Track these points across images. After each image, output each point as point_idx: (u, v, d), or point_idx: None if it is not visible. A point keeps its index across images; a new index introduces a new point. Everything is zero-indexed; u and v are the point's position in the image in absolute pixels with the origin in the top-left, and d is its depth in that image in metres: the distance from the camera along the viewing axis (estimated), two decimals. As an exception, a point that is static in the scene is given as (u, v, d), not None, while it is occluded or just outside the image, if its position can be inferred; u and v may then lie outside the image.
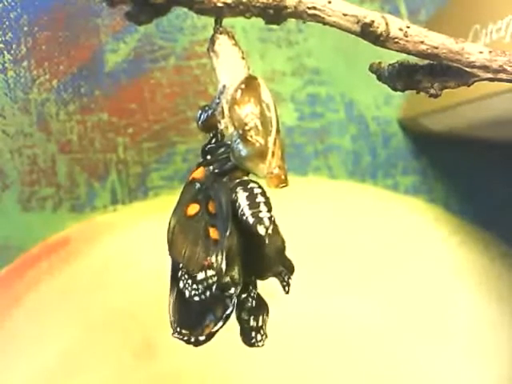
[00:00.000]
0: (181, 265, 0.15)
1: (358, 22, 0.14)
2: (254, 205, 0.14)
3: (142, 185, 0.29)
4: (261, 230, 0.14)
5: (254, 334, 0.16)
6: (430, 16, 0.30)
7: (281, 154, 0.14)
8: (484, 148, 0.30)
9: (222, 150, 0.16)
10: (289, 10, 0.13)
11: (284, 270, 0.16)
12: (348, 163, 0.30)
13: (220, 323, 0.15)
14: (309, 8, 0.14)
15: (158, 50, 0.29)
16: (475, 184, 0.31)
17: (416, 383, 0.28)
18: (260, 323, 0.16)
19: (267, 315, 0.16)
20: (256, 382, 0.28)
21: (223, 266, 0.14)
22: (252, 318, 0.16)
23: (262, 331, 0.16)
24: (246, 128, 0.13)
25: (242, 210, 0.14)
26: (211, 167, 0.16)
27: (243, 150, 0.13)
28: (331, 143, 0.30)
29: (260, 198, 0.14)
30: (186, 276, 0.15)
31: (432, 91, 0.15)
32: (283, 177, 0.14)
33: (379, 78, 0.16)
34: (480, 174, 0.31)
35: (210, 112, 0.14)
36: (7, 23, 0.28)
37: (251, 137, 0.13)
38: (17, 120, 0.28)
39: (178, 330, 0.16)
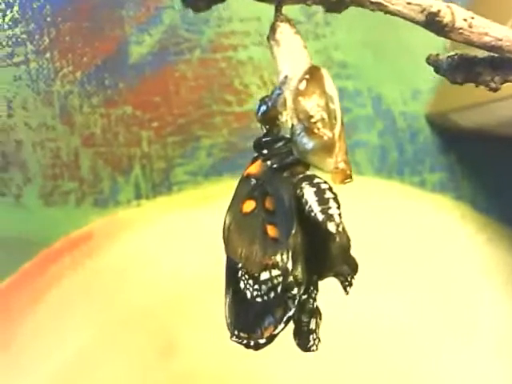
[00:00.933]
0: (240, 264, 0.15)
1: (422, 11, 0.13)
2: (322, 201, 0.14)
3: (166, 180, 0.29)
4: (331, 227, 0.13)
5: (311, 337, 0.15)
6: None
7: (345, 148, 0.13)
8: (511, 144, 0.30)
9: (281, 143, 0.15)
10: (352, -2, 0.13)
11: (347, 269, 0.15)
12: (374, 159, 0.30)
13: (281, 325, 0.14)
14: (372, -4, 0.13)
15: (183, 42, 0.29)
16: (503, 182, 0.30)
17: (442, 381, 0.28)
18: (314, 326, 0.15)
19: (320, 318, 0.15)
20: (277, 381, 0.27)
21: (289, 266, 0.14)
22: (312, 320, 0.15)
23: (315, 335, 0.15)
24: (313, 120, 0.12)
25: (309, 207, 0.14)
26: (269, 162, 0.15)
27: (309, 143, 0.13)
28: (358, 139, 0.30)
29: (328, 194, 0.14)
30: (247, 276, 0.14)
31: (492, 85, 0.15)
32: (349, 172, 0.13)
33: (437, 71, 0.15)
34: (508, 172, 0.30)
35: (270, 104, 0.14)
36: (30, 13, 0.28)
37: (318, 129, 0.13)
38: (39, 112, 0.28)
39: (236, 333, 0.15)
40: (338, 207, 0.14)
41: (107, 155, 0.28)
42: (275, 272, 0.14)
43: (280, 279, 0.14)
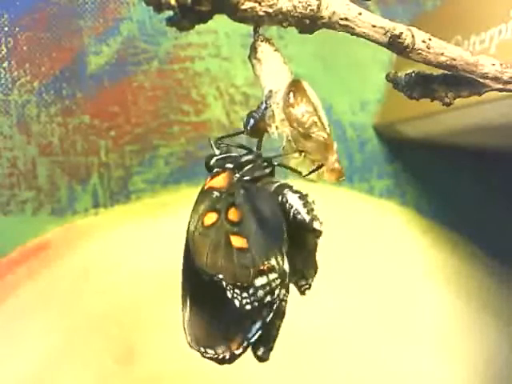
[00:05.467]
0: (220, 276, 0.15)
1: (385, 34, 0.15)
2: (306, 204, 0.15)
3: (124, 188, 0.29)
4: (316, 225, 0.15)
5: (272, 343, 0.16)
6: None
7: (336, 149, 0.15)
8: (453, 153, 0.32)
9: (249, 157, 0.16)
10: (323, 21, 0.14)
11: (312, 272, 0.16)
12: (326, 167, 0.31)
13: (256, 334, 0.15)
14: (341, 19, 0.14)
15: (141, 53, 0.29)
16: (446, 188, 0.32)
17: (387, 379, 0.29)
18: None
19: None
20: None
21: (286, 268, 0.15)
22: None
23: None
24: (306, 126, 0.14)
25: (295, 210, 0.15)
26: (238, 175, 0.16)
27: (309, 148, 0.14)
28: (310, 148, 0.31)
29: (309, 198, 0.15)
30: (231, 285, 0.15)
31: (446, 100, 0.16)
32: (343, 170, 0.15)
33: (395, 87, 0.16)
34: (450, 178, 0.32)
35: (257, 117, 0.15)
36: (-14, 23, 0.28)
37: (313, 133, 0.14)
38: (-4, 122, 0.28)
39: (203, 350, 0.16)
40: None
41: (65, 164, 0.28)
42: (272, 276, 0.15)
43: (278, 282, 0.15)
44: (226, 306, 0.16)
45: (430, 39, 0.15)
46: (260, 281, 0.15)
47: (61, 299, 0.28)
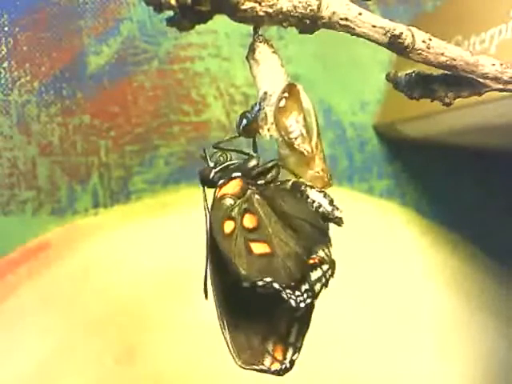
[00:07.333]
0: (268, 279, 0.15)
1: (385, 34, 0.15)
2: (326, 196, 0.15)
3: (124, 188, 0.29)
4: (338, 213, 0.15)
5: None
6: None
7: (323, 156, 0.15)
8: (453, 153, 0.32)
9: (254, 162, 0.16)
10: (323, 21, 0.14)
11: None
12: (326, 167, 0.31)
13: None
14: (341, 19, 0.14)
15: (141, 53, 0.29)
16: (446, 188, 0.32)
17: (386, 380, 0.29)
18: None
19: None
20: None
21: (334, 257, 0.15)
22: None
23: None
24: (292, 136, 0.14)
25: (317, 203, 0.15)
26: (250, 180, 0.16)
27: (291, 157, 0.14)
28: (310, 148, 0.31)
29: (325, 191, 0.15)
30: (281, 288, 0.15)
31: (446, 100, 0.16)
32: (326, 179, 0.15)
33: (396, 87, 0.16)
34: (450, 178, 0.32)
35: (250, 118, 0.15)
36: (-14, 23, 0.28)
37: (298, 145, 0.14)
38: (-4, 122, 0.28)
39: (256, 367, 0.16)
40: None
41: (65, 164, 0.28)
42: (325, 267, 0.15)
43: (330, 272, 0.15)
44: (258, 316, 0.16)
45: (430, 39, 0.15)
46: (315, 274, 0.15)
47: (61, 299, 0.28)
